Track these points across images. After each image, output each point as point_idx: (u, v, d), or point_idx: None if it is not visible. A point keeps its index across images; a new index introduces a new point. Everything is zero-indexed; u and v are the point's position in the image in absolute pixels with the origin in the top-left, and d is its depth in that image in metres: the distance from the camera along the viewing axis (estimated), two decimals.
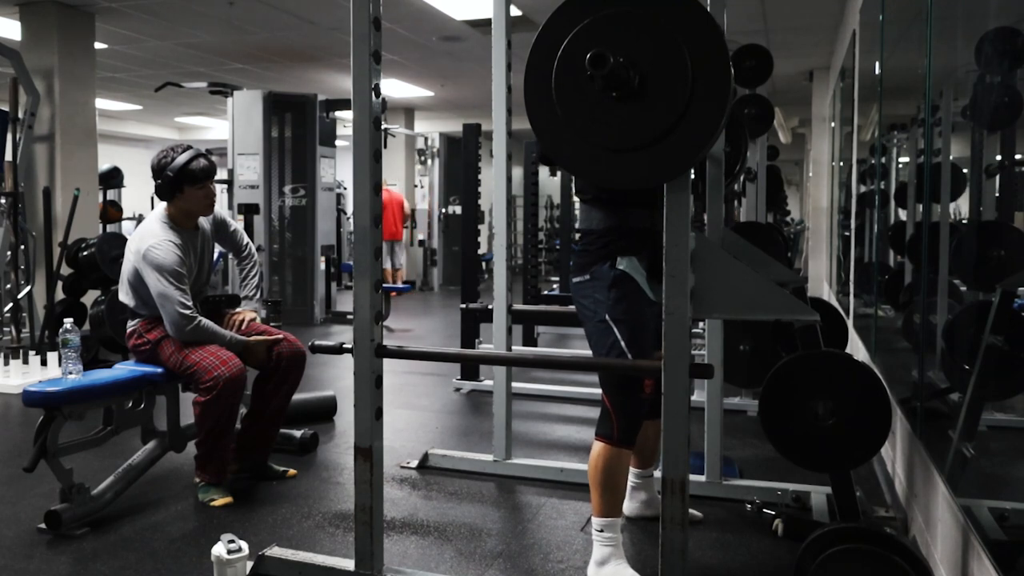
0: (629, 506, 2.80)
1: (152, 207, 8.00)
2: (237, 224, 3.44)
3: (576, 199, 2.60)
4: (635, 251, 2.33)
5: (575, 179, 2.69)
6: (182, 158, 3.01)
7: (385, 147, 3.29)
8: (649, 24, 1.70)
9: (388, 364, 2.19)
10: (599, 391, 2.35)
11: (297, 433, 3.63)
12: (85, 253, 5.18)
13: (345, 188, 11.72)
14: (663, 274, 1.76)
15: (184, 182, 3.01)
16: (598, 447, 2.34)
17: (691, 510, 2.75)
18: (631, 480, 2.77)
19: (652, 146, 1.72)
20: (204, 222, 3.19)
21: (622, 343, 2.29)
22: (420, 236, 11.82)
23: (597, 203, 2.39)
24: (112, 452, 3.27)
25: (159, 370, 3.03)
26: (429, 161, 11.60)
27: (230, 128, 7.82)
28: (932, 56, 2.64)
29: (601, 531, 2.33)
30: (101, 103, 9.21)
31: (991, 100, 2.33)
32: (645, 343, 2.33)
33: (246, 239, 3.41)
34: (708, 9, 2.93)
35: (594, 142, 1.77)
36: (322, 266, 8.15)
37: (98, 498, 2.82)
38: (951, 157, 2.68)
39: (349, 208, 11.10)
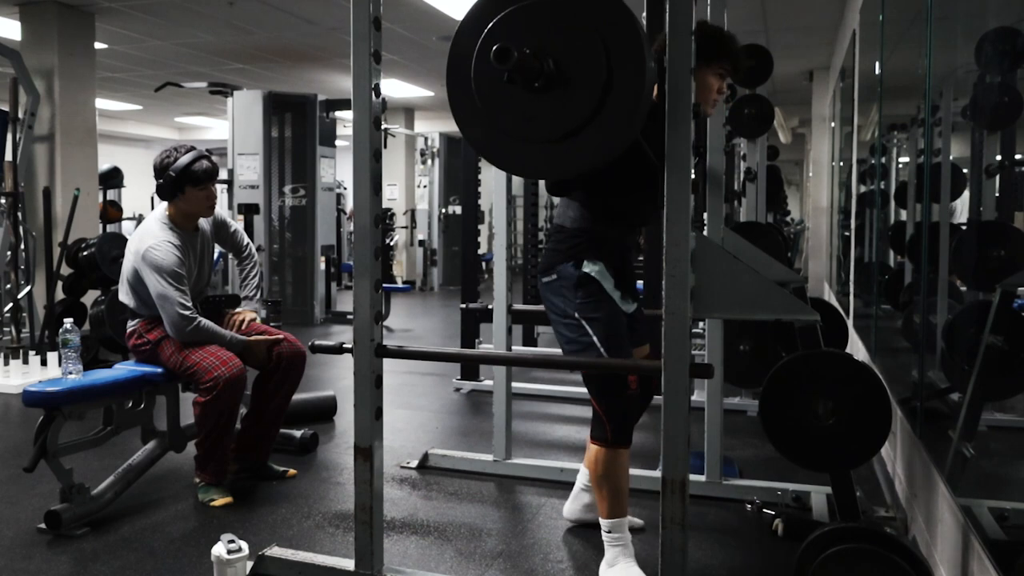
0: (570, 508, 2.77)
1: (152, 207, 8.00)
2: (237, 225, 3.44)
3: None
4: (603, 258, 2.31)
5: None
6: (185, 159, 3.01)
7: (385, 147, 3.28)
8: (563, 15, 1.73)
9: (388, 364, 2.19)
10: None
11: (297, 433, 3.63)
12: (85, 253, 5.18)
13: (345, 188, 11.72)
14: (657, 283, 1.76)
15: (186, 183, 3.01)
16: (594, 450, 2.32)
17: (633, 518, 2.69)
18: (580, 482, 2.74)
19: (570, 137, 1.74)
20: (204, 223, 3.19)
21: (596, 341, 2.26)
22: (420, 236, 11.82)
23: (579, 200, 2.35)
24: (112, 452, 3.27)
25: (159, 370, 3.03)
26: (429, 161, 11.59)
27: (230, 128, 7.82)
28: (932, 56, 2.65)
29: (610, 532, 2.32)
30: (101, 103, 9.22)
31: (991, 100, 2.33)
32: (621, 340, 2.31)
33: (246, 239, 3.41)
34: (708, 9, 2.94)
35: (514, 134, 1.80)
36: (322, 266, 8.15)
37: (98, 498, 2.82)
38: (951, 157, 2.68)
39: (349, 208, 11.11)
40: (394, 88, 10.12)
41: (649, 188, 2.42)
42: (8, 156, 5.78)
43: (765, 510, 2.82)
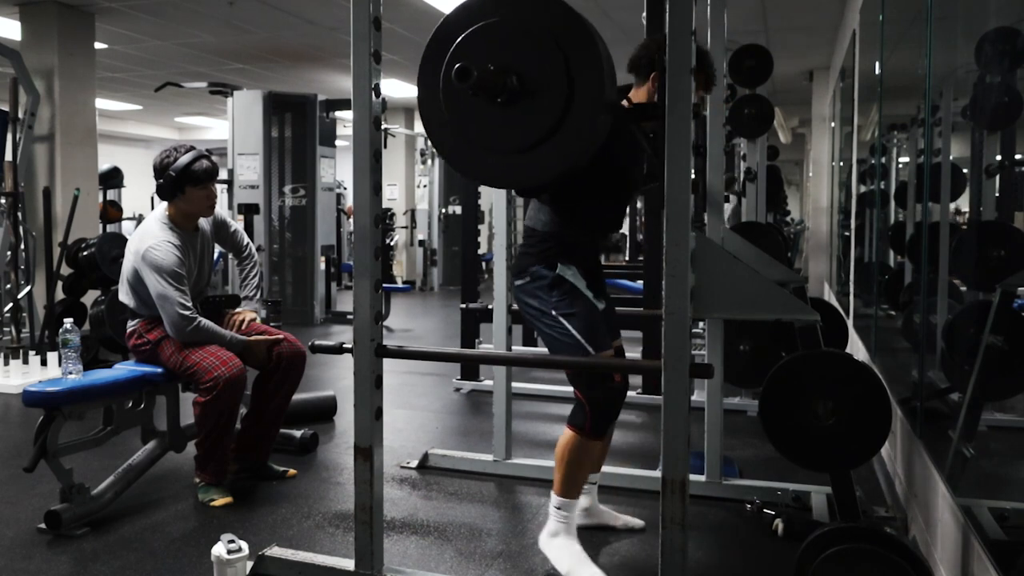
0: None
1: (152, 207, 8.01)
2: (237, 225, 3.44)
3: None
4: (575, 262, 2.37)
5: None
6: (185, 158, 3.01)
7: (385, 147, 3.29)
8: (524, 31, 1.81)
9: (388, 364, 2.19)
10: None
11: (297, 433, 3.63)
12: (85, 253, 5.18)
13: (345, 188, 11.71)
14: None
15: (186, 182, 3.00)
16: (568, 434, 2.36)
17: (630, 517, 2.74)
18: None
19: (535, 148, 1.81)
20: (204, 223, 3.19)
21: (577, 335, 2.30)
22: (420, 236, 11.82)
23: (549, 205, 2.39)
24: (112, 452, 3.27)
25: (159, 370, 3.03)
26: (429, 161, 11.59)
27: (230, 128, 7.82)
28: (932, 56, 2.65)
29: (559, 508, 2.38)
30: (101, 103, 9.22)
31: (991, 100, 2.33)
32: (601, 333, 2.36)
33: (246, 239, 3.41)
34: (708, 9, 2.94)
35: (481, 145, 1.87)
36: (322, 266, 8.15)
37: (98, 498, 2.82)
38: (951, 157, 2.68)
39: (348, 205, 11.10)
40: (394, 88, 10.12)
41: (620, 195, 2.49)
42: (8, 156, 5.78)
43: (765, 510, 2.82)
